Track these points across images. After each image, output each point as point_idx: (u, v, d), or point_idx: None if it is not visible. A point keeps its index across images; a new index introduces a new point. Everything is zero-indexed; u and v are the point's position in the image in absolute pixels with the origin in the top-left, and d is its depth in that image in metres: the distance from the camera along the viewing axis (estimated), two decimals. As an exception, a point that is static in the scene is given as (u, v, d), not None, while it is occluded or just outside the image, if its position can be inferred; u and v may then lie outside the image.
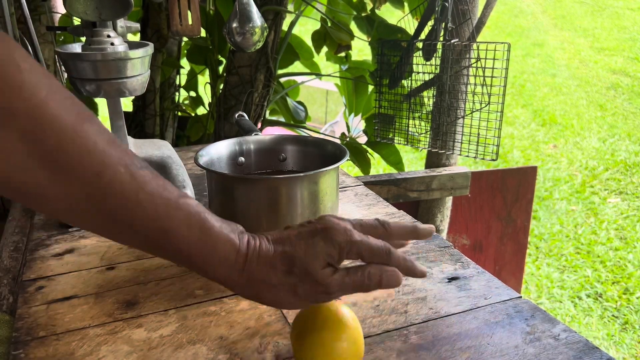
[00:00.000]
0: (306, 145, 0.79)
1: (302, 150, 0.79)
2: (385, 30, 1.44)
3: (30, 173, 0.35)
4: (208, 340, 0.54)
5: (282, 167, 0.79)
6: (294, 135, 0.80)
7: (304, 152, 0.79)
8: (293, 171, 0.80)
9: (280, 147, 0.79)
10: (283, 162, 0.79)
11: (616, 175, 3.36)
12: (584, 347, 0.53)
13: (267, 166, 0.79)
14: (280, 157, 0.79)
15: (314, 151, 0.78)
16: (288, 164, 0.80)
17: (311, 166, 0.74)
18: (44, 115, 0.35)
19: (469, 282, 0.65)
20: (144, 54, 0.78)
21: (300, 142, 0.79)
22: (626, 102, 4.37)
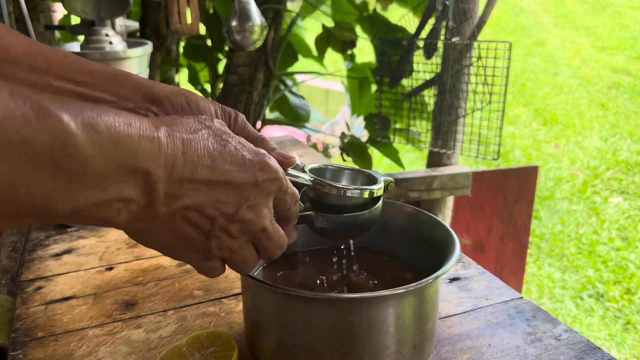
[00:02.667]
0: (383, 214, 0.50)
1: (378, 221, 0.49)
2: (386, 29, 1.44)
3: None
4: (207, 341, 0.54)
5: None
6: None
7: (381, 224, 0.53)
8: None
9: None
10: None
11: (618, 175, 3.35)
12: (585, 348, 0.52)
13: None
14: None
15: (399, 224, 0.56)
16: (358, 239, 0.53)
17: (395, 245, 0.56)
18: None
19: (470, 282, 0.65)
20: (142, 52, 0.77)
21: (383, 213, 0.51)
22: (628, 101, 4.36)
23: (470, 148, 1.28)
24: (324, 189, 0.44)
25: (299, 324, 0.44)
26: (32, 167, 0.25)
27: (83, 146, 0.27)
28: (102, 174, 0.28)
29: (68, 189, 0.27)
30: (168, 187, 0.32)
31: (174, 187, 0.33)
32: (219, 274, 0.40)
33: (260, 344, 0.48)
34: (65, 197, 0.27)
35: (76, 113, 0.27)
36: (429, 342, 0.48)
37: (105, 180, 0.29)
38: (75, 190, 0.28)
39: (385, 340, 0.44)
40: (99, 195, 0.29)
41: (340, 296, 0.44)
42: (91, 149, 0.27)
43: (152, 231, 0.35)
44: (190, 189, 0.34)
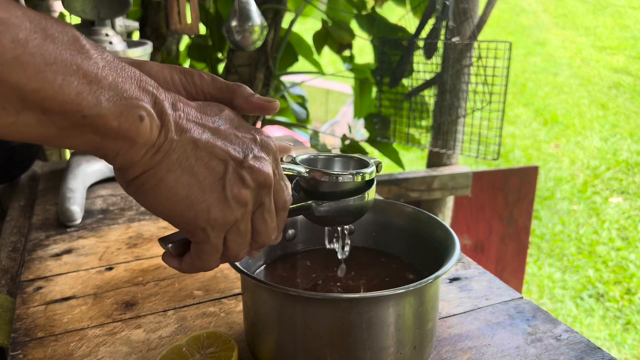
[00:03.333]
0: (383, 214, 0.57)
1: (378, 221, 0.57)
2: (386, 29, 1.44)
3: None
4: (207, 341, 0.54)
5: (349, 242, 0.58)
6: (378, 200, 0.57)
7: (381, 224, 0.58)
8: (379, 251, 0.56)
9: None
10: (350, 236, 0.58)
11: (618, 175, 3.35)
12: (585, 348, 0.52)
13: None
14: (347, 229, 0.58)
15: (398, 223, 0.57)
16: (358, 239, 0.58)
17: (395, 245, 0.57)
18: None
19: (470, 282, 0.65)
20: (142, 52, 0.77)
21: (377, 209, 0.57)
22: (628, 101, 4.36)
23: (470, 148, 1.28)
24: (320, 178, 0.44)
25: (299, 324, 0.44)
26: (57, 61, 0.27)
27: (93, 51, 0.29)
28: (115, 82, 0.30)
29: (90, 89, 0.29)
30: (175, 119, 0.33)
31: (181, 120, 0.34)
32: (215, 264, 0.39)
33: (260, 344, 0.48)
34: (91, 97, 0.29)
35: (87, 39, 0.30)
36: (429, 342, 0.48)
37: (121, 88, 0.30)
38: (97, 91, 0.29)
39: (385, 340, 0.44)
40: (118, 96, 0.30)
41: (340, 296, 0.43)
42: (101, 60, 0.29)
43: (169, 169, 0.34)
44: (196, 127, 0.34)
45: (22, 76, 0.26)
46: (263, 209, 0.38)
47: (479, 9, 1.32)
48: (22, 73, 0.26)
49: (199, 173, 0.35)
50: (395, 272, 0.55)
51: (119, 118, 0.30)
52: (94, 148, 0.31)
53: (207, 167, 0.35)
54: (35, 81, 0.26)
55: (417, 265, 0.56)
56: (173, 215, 0.36)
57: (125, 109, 0.30)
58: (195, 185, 0.35)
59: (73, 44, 0.28)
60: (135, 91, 0.31)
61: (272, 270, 0.56)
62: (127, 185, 0.34)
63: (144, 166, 0.33)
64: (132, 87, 0.31)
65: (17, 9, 0.26)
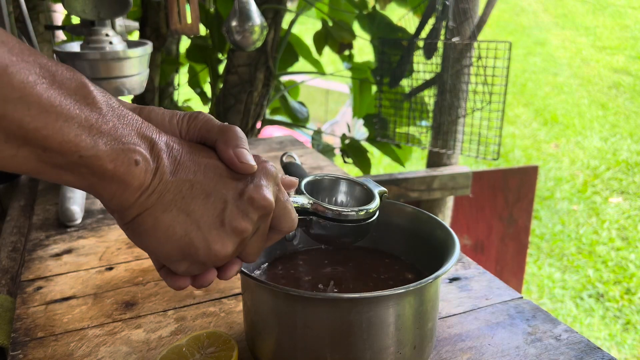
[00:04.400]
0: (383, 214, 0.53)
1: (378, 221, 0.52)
2: (386, 29, 1.44)
3: None
4: (207, 341, 0.54)
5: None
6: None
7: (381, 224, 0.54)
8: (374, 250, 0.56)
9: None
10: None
11: (618, 175, 3.35)
12: (585, 348, 0.52)
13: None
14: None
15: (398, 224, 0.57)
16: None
17: (395, 245, 0.57)
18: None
19: (470, 282, 0.65)
20: (142, 52, 0.77)
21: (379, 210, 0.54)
22: (628, 101, 4.36)
23: (470, 148, 1.28)
24: (323, 213, 0.45)
25: (299, 324, 0.44)
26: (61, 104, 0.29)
27: (99, 98, 0.31)
28: (115, 128, 0.32)
29: (90, 133, 0.31)
30: (171, 160, 0.34)
31: (176, 162, 0.35)
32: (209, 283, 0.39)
33: (260, 344, 0.48)
34: (89, 139, 0.31)
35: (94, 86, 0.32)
36: (429, 342, 0.48)
37: (120, 133, 0.32)
38: (95, 135, 0.31)
39: (385, 340, 0.44)
40: (116, 141, 0.32)
41: (340, 296, 0.43)
42: (105, 106, 0.32)
43: (165, 209, 0.34)
44: (191, 166, 0.35)
45: (26, 114, 0.28)
46: (258, 233, 0.38)
47: (479, 9, 1.32)
48: (26, 112, 0.28)
49: (195, 211, 0.35)
50: (395, 272, 0.55)
51: (115, 161, 0.32)
52: (90, 187, 0.33)
53: (204, 205, 0.35)
54: (38, 120, 0.29)
55: (417, 265, 0.55)
56: (175, 254, 0.36)
57: (122, 153, 0.32)
58: (193, 224, 0.35)
59: (79, 90, 0.30)
60: (133, 137, 0.33)
61: (272, 270, 0.56)
62: (126, 228, 0.36)
63: (139, 208, 0.34)
64: (131, 132, 0.33)
65: (29, 54, 0.29)
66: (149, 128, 0.34)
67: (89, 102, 0.31)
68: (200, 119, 0.38)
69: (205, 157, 0.36)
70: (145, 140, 0.33)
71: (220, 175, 0.36)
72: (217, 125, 0.38)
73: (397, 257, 0.57)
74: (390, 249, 0.58)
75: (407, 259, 0.57)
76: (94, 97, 0.31)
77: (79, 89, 0.30)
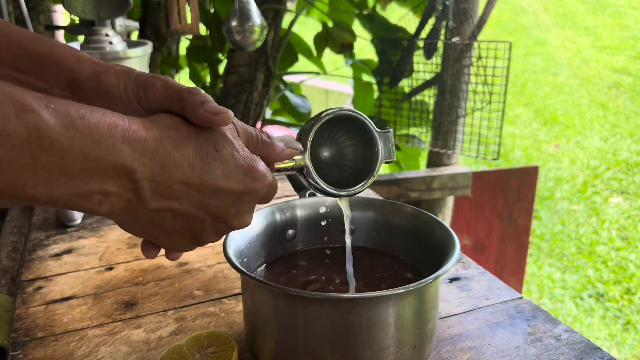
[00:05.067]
0: (383, 214, 0.57)
1: (378, 221, 0.57)
2: (386, 29, 1.44)
3: None
4: (207, 341, 0.54)
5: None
6: (368, 199, 0.59)
7: (381, 224, 0.57)
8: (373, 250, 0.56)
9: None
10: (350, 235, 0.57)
11: (618, 175, 3.35)
12: (585, 348, 0.52)
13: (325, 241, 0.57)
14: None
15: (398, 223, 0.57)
16: (358, 239, 0.59)
17: (395, 245, 0.57)
18: None
19: (470, 282, 0.65)
20: (142, 52, 0.77)
21: (377, 209, 0.58)
22: (628, 101, 4.36)
23: (470, 148, 1.28)
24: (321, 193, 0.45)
25: (299, 324, 0.44)
26: (11, 157, 0.27)
27: (60, 141, 0.28)
28: (82, 168, 0.29)
29: (47, 179, 0.28)
30: (154, 187, 0.33)
31: (161, 187, 0.33)
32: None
33: (260, 344, 0.48)
34: (45, 186, 0.28)
35: (58, 111, 0.28)
36: (429, 342, 0.48)
37: (86, 174, 0.30)
38: (54, 181, 0.29)
39: (385, 340, 0.44)
40: (78, 187, 0.30)
41: (340, 296, 0.44)
42: (68, 145, 0.28)
43: (138, 222, 0.35)
44: (178, 190, 0.34)
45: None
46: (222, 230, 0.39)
47: (479, 9, 1.32)
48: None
49: (171, 230, 0.36)
50: (395, 272, 0.55)
51: (77, 204, 0.30)
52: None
53: (182, 227, 0.36)
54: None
55: (417, 265, 0.55)
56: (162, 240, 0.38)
57: (83, 198, 0.30)
58: (167, 238, 0.37)
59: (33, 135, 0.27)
60: (96, 179, 0.30)
61: (272, 270, 0.56)
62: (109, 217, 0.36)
63: (107, 216, 0.34)
64: (98, 169, 0.30)
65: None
66: (128, 153, 0.31)
67: (44, 146, 0.27)
68: (159, 87, 0.37)
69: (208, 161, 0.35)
70: (120, 173, 0.31)
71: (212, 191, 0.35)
72: (177, 92, 0.36)
73: (397, 257, 0.57)
74: (390, 249, 0.58)
75: (407, 259, 0.57)
76: (51, 138, 0.28)
77: (32, 135, 0.27)
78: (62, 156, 0.28)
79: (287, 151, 0.41)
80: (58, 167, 0.28)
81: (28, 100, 0.27)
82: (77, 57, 0.39)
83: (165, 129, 0.34)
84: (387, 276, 0.55)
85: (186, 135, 0.34)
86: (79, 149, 0.29)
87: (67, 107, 0.29)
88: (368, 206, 0.58)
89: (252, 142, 0.39)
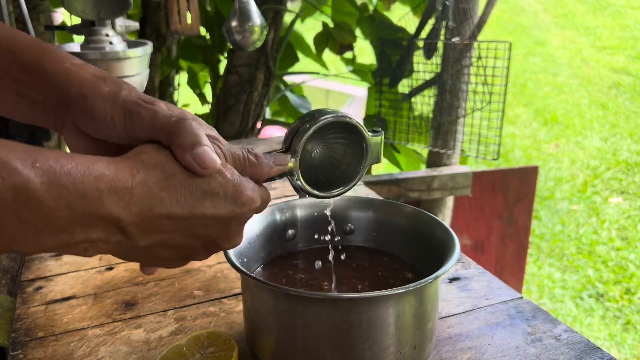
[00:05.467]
0: (383, 214, 0.56)
1: (378, 221, 0.57)
2: (386, 29, 1.44)
3: None
4: (207, 341, 0.54)
5: (348, 241, 0.59)
6: (368, 199, 0.59)
7: (381, 224, 0.57)
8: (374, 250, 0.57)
9: (346, 214, 0.58)
10: (350, 236, 0.59)
11: (618, 175, 3.35)
12: (585, 348, 0.52)
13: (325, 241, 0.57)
14: (347, 229, 0.59)
15: (398, 223, 0.57)
16: (358, 239, 0.59)
17: (395, 245, 0.57)
18: None
19: (470, 282, 0.65)
20: (142, 53, 0.78)
21: (377, 209, 0.57)
22: (628, 101, 4.36)
23: (470, 148, 1.28)
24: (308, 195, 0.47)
25: (299, 324, 0.44)
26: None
27: (46, 199, 0.29)
28: (68, 222, 0.30)
29: (33, 234, 0.29)
30: (142, 227, 0.33)
31: (149, 226, 0.34)
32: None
33: (260, 344, 0.48)
34: (32, 241, 0.29)
35: (44, 170, 0.29)
36: (429, 342, 0.48)
37: (73, 226, 0.30)
38: (41, 235, 0.29)
39: (385, 340, 0.44)
40: (65, 238, 0.30)
41: (340, 296, 0.44)
42: (55, 203, 0.29)
43: (130, 256, 0.36)
44: (167, 225, 0.34)
45: None
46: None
47: (479, 9, 1.32)
48: None
49: (162, 257, 0.37)
50: (395, 272, 0.55)
51: (63, 251, 0.31)
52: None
53: (173, 253, 0.37)
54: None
55: (417, 265, 0.56)
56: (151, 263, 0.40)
57: (70, 247, 0.31)
58: (160, 263, 0.38)
59: (18, 197, 0.28)
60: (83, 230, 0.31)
61: (272, 270, 0.56)
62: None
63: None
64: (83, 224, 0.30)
65: None
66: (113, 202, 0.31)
67: (30, 206, 0.28)
68: (145, 118, 0.36)
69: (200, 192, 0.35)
70: (105, 221, 0.31)
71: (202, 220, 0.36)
72: (164, 125, 0.36)
73: (397, 256, 0.58)
74: (390, 249, 0.58)
75: (407, 259, 0.57)
76: (38, 198, 0.28)
77: (18, 196, 0.28)
78: (48, 213, 0.29)
79: (275, 169, 0.42)
80: (44, 224, 0.29)
81: (13, 162, 0.28)
82: (65, 73, 0.38)
83: (151, 169, 0.34)
84: (387, 276, 0.55)
85: (173, 174, 0.34)
86: (66, 204, 0.29)
87: (53, 164, 0.29)
88: (368, 206, 0.58)
89: (240, 164, 0.39)
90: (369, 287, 0.53)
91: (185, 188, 0.34)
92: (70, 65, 0.39)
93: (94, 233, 0.31)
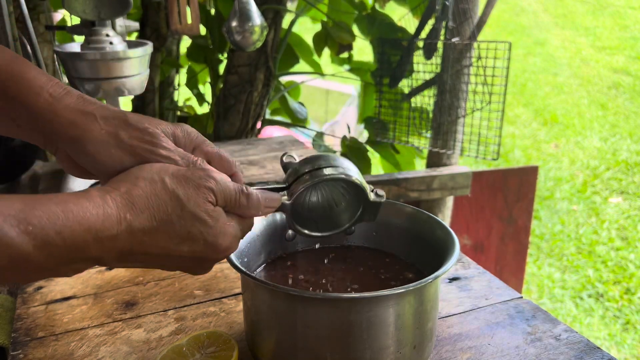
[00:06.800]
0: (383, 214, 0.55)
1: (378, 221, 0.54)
2: (385, 29, 1.43)
3: None
4: (207, 341, 0.54)
5: (347, 241, 0.59)
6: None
7: (381, 224, 0.57)
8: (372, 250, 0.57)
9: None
10: (350, 236, 0.59)
11: (617, 175, 3.35)
12: (585, 348, 0.52)
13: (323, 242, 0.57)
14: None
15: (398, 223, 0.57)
16: (358, 239, 0.59)
17: (395, 245, 0.57)
18: None
19: (470, 282, 0.65)
20: (142, 53, 0.78)
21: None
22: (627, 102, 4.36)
23: (470, 148, 1.28)
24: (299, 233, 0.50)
25: (299, 324, 0.44)
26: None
27: (38, 258, 0.32)
28: (55, 266, 0.34)
29: (24, 278, 0.34)
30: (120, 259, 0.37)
31: (127, 258, 0.37)
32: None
33: (260, 344, 0.48)
34: (22, 280, 0.35)
35: (36, 234, 0.31)
36: (429, 342, 0.48)
37: (57, 267, 0.34)
38: (29, 277, 0.35)
39: (385, 340, 0.44)
40: (51, 274, 0.35)
41: (340, 296, 0.44)
42: (45, 259, 0.32)
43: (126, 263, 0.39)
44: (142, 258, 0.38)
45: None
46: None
47: (479, 9, 1.32)
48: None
49: (157, 265, 0.40)
50: (395, 272, 0.55)
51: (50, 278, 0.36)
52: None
53: (171, 266, 0.40)
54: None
55: (417, 265, 0.56)
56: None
57: (65, 273, 0.35)
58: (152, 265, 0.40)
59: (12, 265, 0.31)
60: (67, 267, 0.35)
61: (272, 270, 0.56)
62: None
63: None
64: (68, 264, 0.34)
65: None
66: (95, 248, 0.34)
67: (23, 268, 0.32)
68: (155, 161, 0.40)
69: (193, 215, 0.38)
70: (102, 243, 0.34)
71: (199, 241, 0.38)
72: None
73: (397, 256, 0.58)
74: (390, 249, 0.58)
75: (407, 259, 0.57)
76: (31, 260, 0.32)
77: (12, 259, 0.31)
78: (38, 268, 0.33)
79: (265, 210, 0.43)
80: (36, 274, 0.34)
81: (4, 229, 0.30)
82: (46, 109, 0.38)
83: (139, 214, 0.36)
84: (387, 276, 0.55)
85: (159, 220, 0.37)
86: (55, 258, 0.33)
87: (46, 223, 0.32)
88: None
89: (231, 204, 0.41)
90: (369, 287, 0.53)
91: (166, 234, 0.37)
92: (49, 98, 0.39)
93: (75, 266, 0.35)
